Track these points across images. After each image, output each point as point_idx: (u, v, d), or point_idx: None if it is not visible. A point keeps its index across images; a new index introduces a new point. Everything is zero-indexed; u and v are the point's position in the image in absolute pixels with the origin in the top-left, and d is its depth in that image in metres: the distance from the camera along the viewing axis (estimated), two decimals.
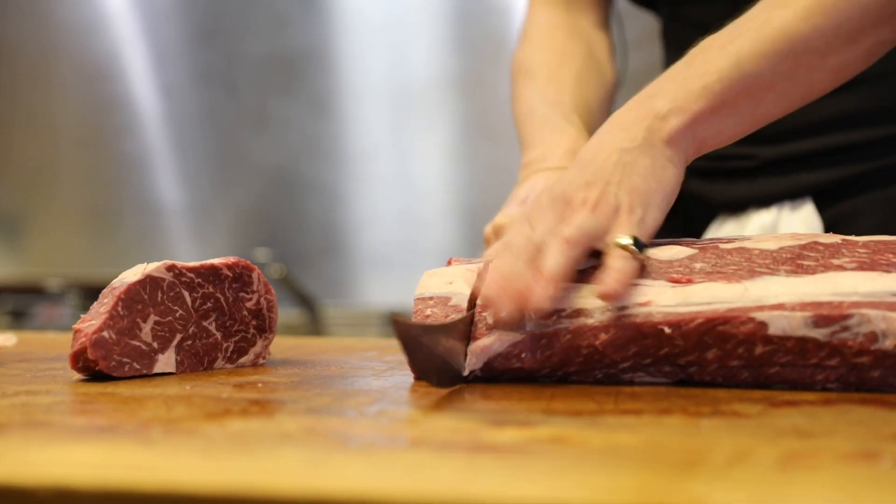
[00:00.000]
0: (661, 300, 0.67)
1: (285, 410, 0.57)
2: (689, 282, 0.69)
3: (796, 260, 0.69)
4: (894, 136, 1.06)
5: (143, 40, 3.02)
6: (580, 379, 0.69)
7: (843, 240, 0.71)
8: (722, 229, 1.13)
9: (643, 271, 0.71)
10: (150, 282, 0.76)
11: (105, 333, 0.72)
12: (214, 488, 0.40)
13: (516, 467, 0.42)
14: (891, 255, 0.68)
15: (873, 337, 0.63)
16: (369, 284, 2.87)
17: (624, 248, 0.71)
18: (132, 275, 0.76)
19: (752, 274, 0.68)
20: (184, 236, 3.01)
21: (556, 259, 0.70)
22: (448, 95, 2.83)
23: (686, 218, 1.18)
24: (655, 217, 0.76)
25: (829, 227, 1.06)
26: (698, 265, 0.71)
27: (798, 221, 1.07)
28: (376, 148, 2.89)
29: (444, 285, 0.74)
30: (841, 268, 0.67)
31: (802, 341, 0.64)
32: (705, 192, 1.15)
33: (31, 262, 3.12)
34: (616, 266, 0.70)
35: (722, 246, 0.72)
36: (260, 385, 0.69)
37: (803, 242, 0.71)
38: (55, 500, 0.41)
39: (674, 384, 0.68)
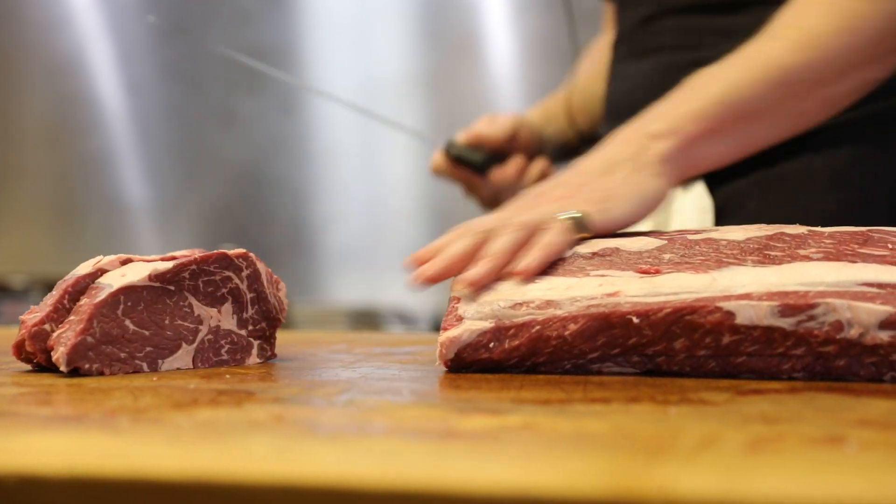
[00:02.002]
0: (630, 290, 0.68)
1: (254, 400, 0.57)
2: (658, 272, 0.69)
3: (763, 250, 0.70)
4: None
5: (108, 36, 3.00)
6: (549, 370, 0.70)
7: (810, 231, 0.71)
8: None
9: (611, 262, 0.71)
10: (100, 275, 0.72)
11: (46, 326, 0.70)
12: (183, 475, 0.40)
13: (487, 452, 0.42)
14: (856, 246, 0.69)
15: (839, 326, 0.63)
16: (336, 281, 2.86)
17: (563, 221, 0.73)
18: (84, 268, 0.73)
19: (720, 264, 0.69)
20: (149, 233, 2.99)
21: (499, 242, 0.72)
22: (414, 92, 2.83)
23: None
24: (624, 211, 0.77)
25: (719, 208, 1.05)
26: (667, 256, 0.71)
27: (690, 202, 1.05)
28: (342, 145, 2.89)
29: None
30: (807, 258, 0.68)
31: (769, 330, 0.64)
32: None
33: None
34: (541, 239, 0.71)
35: (690, 237, 0.73)
36: (228, 376, 0.68)
37: (770, 233, 0.71)
38: (22, 488, 0.40)
39: (642, 374, 0.68)
